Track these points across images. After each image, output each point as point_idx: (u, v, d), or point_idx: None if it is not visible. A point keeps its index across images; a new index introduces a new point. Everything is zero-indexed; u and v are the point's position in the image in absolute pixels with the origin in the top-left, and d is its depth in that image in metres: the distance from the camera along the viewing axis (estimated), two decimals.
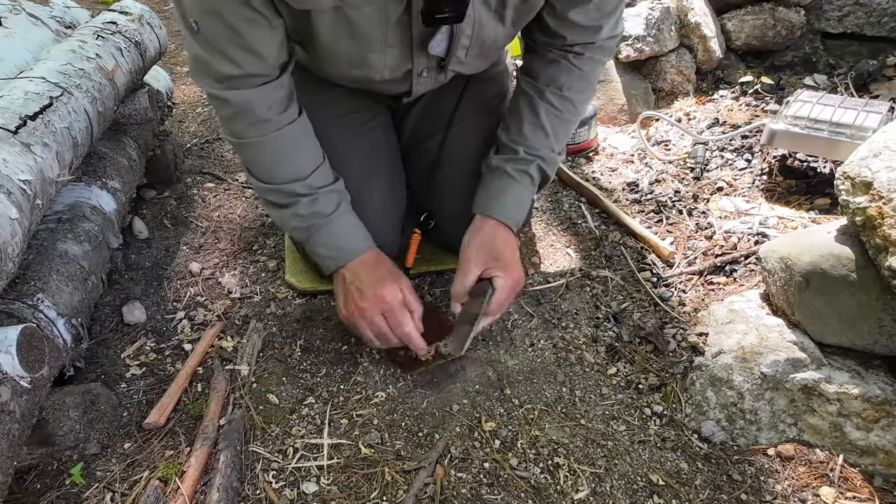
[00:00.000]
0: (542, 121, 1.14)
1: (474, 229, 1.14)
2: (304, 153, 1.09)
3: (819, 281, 1.00)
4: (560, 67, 1.12)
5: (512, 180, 1.15)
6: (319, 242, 1.11)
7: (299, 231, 1.12)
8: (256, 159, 1.07)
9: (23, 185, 0.97)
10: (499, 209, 1.14)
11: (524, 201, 1.17)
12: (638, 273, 1.38)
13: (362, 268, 1.11)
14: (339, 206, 1.11)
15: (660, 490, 0.96)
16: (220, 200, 1.73)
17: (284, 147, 1.06)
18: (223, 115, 1.02)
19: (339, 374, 1.17)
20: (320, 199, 1.09)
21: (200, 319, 1.31)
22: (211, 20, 0.89)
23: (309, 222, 1.10)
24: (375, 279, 1.09)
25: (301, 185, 1.07)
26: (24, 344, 0.88)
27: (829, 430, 0.99)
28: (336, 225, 1.11)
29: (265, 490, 0.97)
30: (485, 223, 1.14)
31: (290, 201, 1.08)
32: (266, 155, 1.06)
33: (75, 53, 1.34)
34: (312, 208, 1.09)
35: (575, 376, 1.15)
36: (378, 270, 1.11)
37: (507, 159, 1.15)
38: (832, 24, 2.06)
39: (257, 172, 1.09)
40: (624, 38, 1.95)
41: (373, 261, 1.12)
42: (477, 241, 1.12)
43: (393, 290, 1.08)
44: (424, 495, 0.96)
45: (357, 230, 1.14)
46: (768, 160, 1.62)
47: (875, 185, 0.93)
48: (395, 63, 1.05)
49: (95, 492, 0.97)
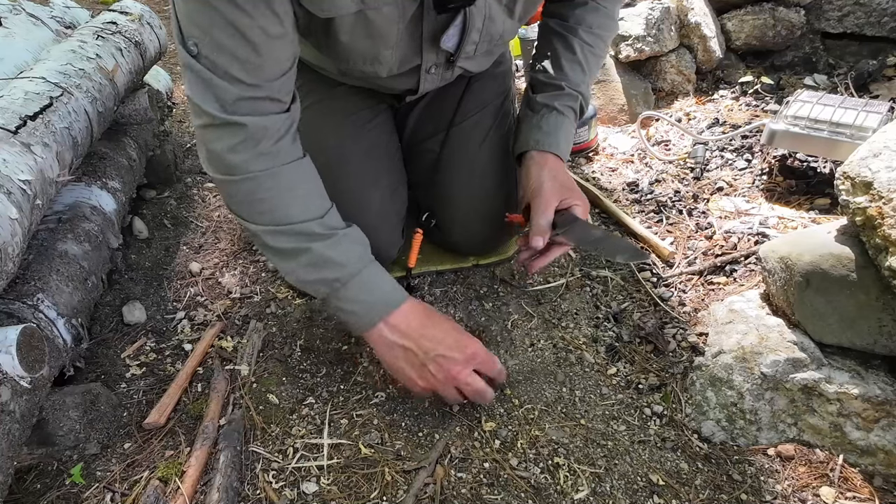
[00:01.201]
0: (579, 57, 1.17)
1: (538, 165, 1.12)
2: (319, 190, 0.98)
3: (819, 281, 1.00)
4: (587, 9, 1.17)
5: (563, 117, 1.16)
6: (348, 297, 0.96)
7: (318, 283, 0.97)
8: (262, 196, 0.92)
9: (23, 185, 0.97)
10: (555, 144, 1.14)
11: (571, 136, 1.19)
12: (638, 273, 1.38)
13: (416, 320, 0.97)
14: (364, 254, 0.98)
15: (660, 490, 0.96)
16: (220, 200, 1.73)
17: (299, 180, 0.94)
18: (226, 144, 0.88)
19: (339, 374, 1.17)
20: (341, 241, 0.96)
21: (200, 319, 1.31)
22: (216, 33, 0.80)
23: (332, 273, 0.95)
24: (446, 331, 0.98)
25: (317, 223, 0.94)
26: (24, 344, 0.88)
27: (829, 430, 0.99)
28: (366, 276, 0.97)
29: (265, 490, 0.97)
30: (546, 158, 1.13)
31: (304, 245, 0.94)
32: (275, 190, 0.92)
33: (75, 53, 1.35)
34: (333, 253, 0.94)
35: (575, 376, 1.15)
36: (438, 319, 0.99)
37: (553, 96, 1.16)
38: (832, 24, 2.06)
39: (260, 211, 0.94)
40: (624, 38, 1.95)
41: (422, 308, 1.00)
42: (547, 175, 1.10)
43: (472, 339, 1.00)
44: (424, 495, 0.96)
45: (388, 278, 1.00)
46: (768, 160, 1.62)
47: (875, 185, 0.93)
48: (406, 59, 1.04)
49: (95, 492, 0.97)
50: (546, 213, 1.07)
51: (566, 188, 1.10)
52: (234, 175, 0.91)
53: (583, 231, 1.07)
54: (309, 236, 0.94)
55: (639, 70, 2.06)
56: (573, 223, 1.08)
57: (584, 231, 1.08)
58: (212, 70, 0.82)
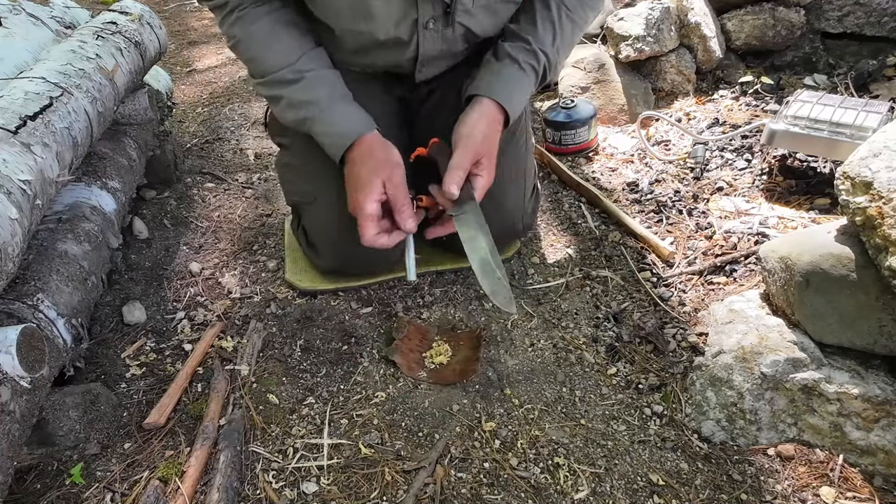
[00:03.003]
0: (553, 16, 1.15)
1: (479, 114, 1.10)
2: (290, 39, 1.09)
3: (819, 281, 1.00)
4: None
5: (522, 72, 1.14)
6: (318, 131, 1.11)
7: (297, 122, 1.13)
8: (250, 55, 1.10)
9: (23, 185, 0.97)
10: (507, 97, 1.12)
11: (526, 94, 1.17)
12: (638, 273, 1.38)
13: (357, 155, 1.09)
14: (332, 93, 1.10)
15: (660, 490, 0.96)
16: (220, 200, 1.73)
17: (268, 34, 1.08)
18: (218, 19, 1.09)
19: (339, 374, 1.17)
20: (312, 83, 1.09)
21: (200, 319, 1.31)
22: None
23: (304, 112, 1.09)
24: (357, 176, 1.08)
25: (289, 70, 1.08)
26: (24, 344, 0.88)
27: (829, 430, 0.99)
28: (332, 111, 1.09)
29: (265, 490, 0.97)
30: (492, 110, 1.11)
31: (280, 92, 1.09)
32: (254, 47, 1.09)
33: (75, 53, 1.35)
34: (306, 94, 1.09)
35: (575, 376, 1.15)
36: (364, 165, 1.08)
37: (518, 48, 1.14)
38: (832, 24, 2.06)
39: (253, 69, 1.12)
40: (624, 38, 1.95)
41: (367, 144, 1.09)
42: (484, 128, 1.09)
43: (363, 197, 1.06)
44: (424, 495, 0.96)
45: (356, 113, 1.11)
46: (768, 160, 1.62)
47: (875, 185, 0.93)
48: (400, 13, 1.04)
49: (95, 492, 0.97)
50: (464, 164, 1.07)
51: (486, 150, 1.09)
52: (229, 42, 1.12)
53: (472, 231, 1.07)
54: (282, 83, 1.09)
55: (639, 70, 2.06)
56: (469, 202, 1.07)
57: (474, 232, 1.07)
58: None
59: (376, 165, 1.08)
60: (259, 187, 1.79)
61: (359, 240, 1.26)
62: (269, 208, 1.69)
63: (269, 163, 1.90)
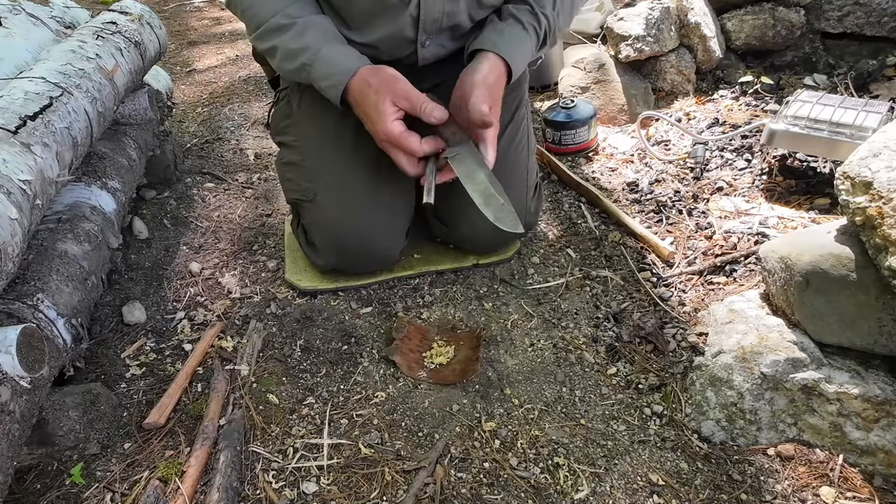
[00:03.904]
0: None
1: (491, 67, 1.11)
2: None
3: (819, 281, 1.00)
4: None
5: (524, 32, 1.15)
6: (318, 77, 1.10)
7: (296, 72, 1.12)
8: (243, 9, 1.11)
9: (23, 185, 0.97)
10: (511, 55, 1.13)
11: (528, 55, 1.18)
12: (638, 273, 1.38)
13: (357, 95, 1.09)
14: (325, 35, 1.10)
15: (660, 490, 0.96)
16: (220, 200, 1.73)
17: None
18: None
19: (339, 374, 1.17)
20: (304, 29, 1.09)
21: (200, 319, 1.31)
22: None
23: (300, 59, 1.09)
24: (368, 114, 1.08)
25: (281, 16, 1.09)
26: (24, 344, 0.88)
27: (829, 430, 0.99)
28: (326, 54, 1.09)
29: (265, 490, 0.97)
30: (496, 62, 1.12)
31: (275, 41, 1.10)
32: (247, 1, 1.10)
33: (75, 53, 1.34)
34: (299, 41, 1.09)
35: (575, 376, 1.15)
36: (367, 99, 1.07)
37: (519, 9, 1.16)
38: (832, 24, 2.06)
39: (250, 24, 1.13)
40: (624, 38, 1.95)
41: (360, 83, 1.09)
42: (493, 77, 1.10)
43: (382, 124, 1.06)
44: (424, 495, 0.96)
45: (349, 52, 1.11)
46: (768, 160, 1.62)
47: (875, 185, 0.93)
48: None
49: (95, 492, 0.97)
50: (487, 100, 1.07)
51: (498, 102, 1.11)
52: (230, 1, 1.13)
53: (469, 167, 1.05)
54: (275, 31, 1.09)
55: (639, 70, 2.06)
56: (463, 144, 1.06)
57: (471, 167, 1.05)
58: None
59: (378, 87, 1.06)
60: (259, 187, 1.79)
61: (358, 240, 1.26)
62: (269, 208, 1.69)
63: (269, 163, 1.90)
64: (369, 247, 1.27)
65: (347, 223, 1.25)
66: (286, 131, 1.33)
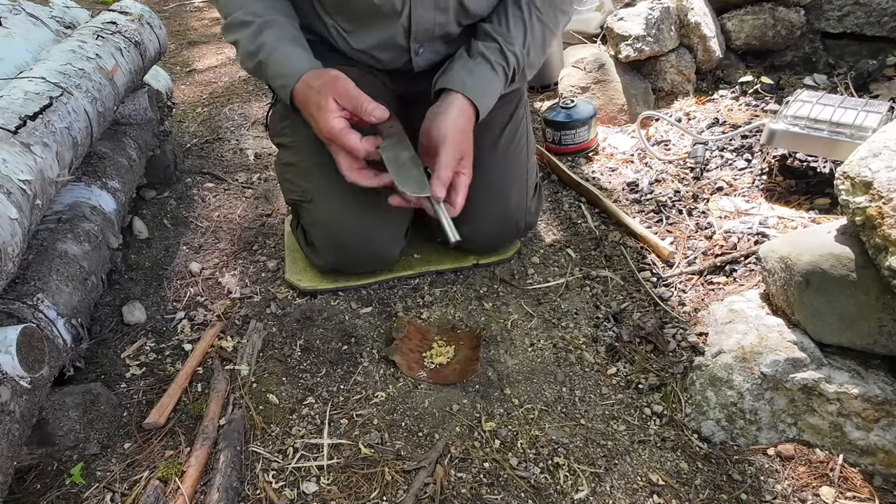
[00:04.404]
0: (525, 16, 1.16)
1: (459, 112, 1.11)
2: None
3: (819, 281, 1.00)
4: None
5: (493, 73, 1.15)
6: (271, 76, 1.12)
7: (255, 72, 1.15)
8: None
9: (23, 185, 0.97)
10: (481, 96, 1.13)
11: (495, 95, 1.18)
12: (638, 273, 1.38)
13: (302, 97, 1.10)
14: (281, 36, 1.11)
15: (660, 490, 0.96)
16: (220, 200, 1.73)
17: None
18: None
19: (339, 374, 1.17)
20: (262, 29, 1.10)
21: (200, 319, 1.31)
22: None
23: (258, 58, 1.10)
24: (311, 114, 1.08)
25: (242, 12, 1.10)
26: (24, 344, 0.88)
27: (829, 430, 0.99)
28: (278, 55, 1.10)
29: (265, 490, 0.97)
30: (466, 106, 1.12)
31: (237, 37, 1.11)
32: None
33: (75, 53, 1.34)
34: (256, 41, 1.10)
35: (575, 376, 1.15)
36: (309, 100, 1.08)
37: (490, 48, 1.16)
38: (832, 24, 2.06)
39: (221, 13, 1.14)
40: (624, 38, 1.95)
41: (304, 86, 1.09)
42: (464, 126, 1.11)
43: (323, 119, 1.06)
44: (424, 495, 0.96)
45: (300, 55, 1.12)
46: (768, 160, 1.62)
47: (875, 184, 0.93)
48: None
49: (95, 492, 0.97)
50: (451, 164, 1.08)
51: (467, 150, 1.12)
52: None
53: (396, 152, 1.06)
54: (238, 26, 1.11)
55: (639, 70, 2.06)
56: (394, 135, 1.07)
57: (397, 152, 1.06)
58: None
59: (321, 88, 1.07)
60: (259, 187, 1.79)
61: (357, 240, 1.26)
62: (269, 208, 1.69)
63: (269, 163, 1.90)
64: (368, 247, 1.27)
65: (346, 223, 1.25)
66: (284, 132, 1.33)
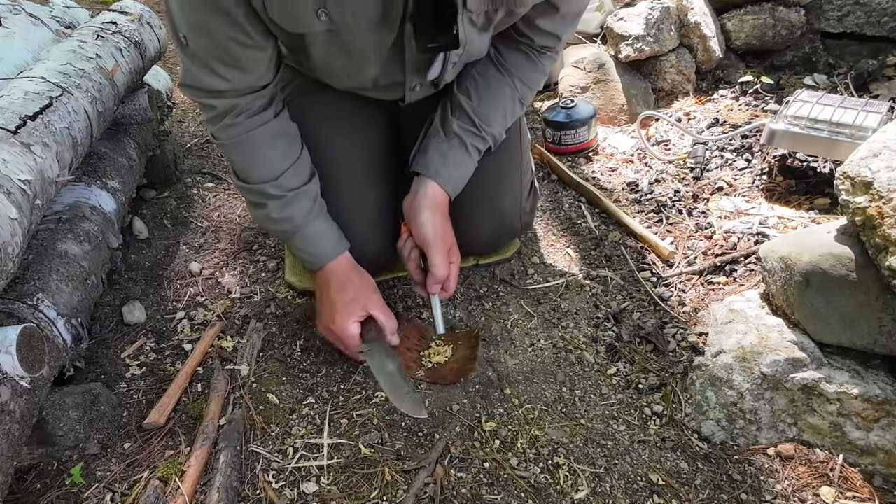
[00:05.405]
0: (507, 102, 1.18)
1: (434, 204, 1.13)
2: (276, 154, 1.09)
3: (819, 281, 1.00)
4: (529, 61, 1.18)
5: (468, 157, 1.17)
6: (295, 246, 1.14)
7: (276, 233, 1.17)
8: (233, 159, 1.10)
9: (23, 185, 0.97)
10: (452, 184, 1.16)
11: (467, 177, 1.20)
12: (638, 273, 1.37)
13: (333, 281, 1.12)
14: (310, 211, 1.11)
15: (660, 490, 0.96)
16: (220, 200, 1.73)
17: (255, 148, 1.07)
18: (204, 118, 1.07)
19: (339, 374, 1.17)
20: (291, 202, 1.09)
21: (200, 319, 1.31)
22: (200, 37, 0.92)
23: (282, 227, 1.11)
24: (335, 302, 1.10)
25: (272, 185, 1.08)
26: (24, 344, 0.88)
27: (829, 430, 0.99)
28: (306, 232, 1.12)
29: (265, 490, 0.97)
30: (439, 194, 1.14)
31: (263, 202, 1.10)
32: (239, 156, 1.08)
33: (75, 53, 1.34)
34: (284, 212, 1.10)
35: (575, 376, 1.15)
36: (343, 293, 1.11)
37: (468, 131, 1.16)
38: (832, 24, 2.06)
39: (236, 171, 1.12)
40: (624, 38, 1.95)
41: (340, 273, 1.13)
42: (441, 220, 1.13)
43: (343, 320, 1.08)
44: (424, 495, 0.96)
45: (327, 235, 1.14)
46: (768, 160, 1.62)
47: (875, 184, 0.93)
48: (388, 77, 1.08)
49: (95, 492, 0.97)
50: (444, 265, 1.12)
51: (453, 241, 1.16)
52: (214, 140, 1.10)
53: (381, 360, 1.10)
54: (266, 195, 1.09)
55: (639, 70, 2.06)
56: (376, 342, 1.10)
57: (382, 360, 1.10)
58: (197, 61, 0.96)
59: (356, 294, 1.11)
60: None
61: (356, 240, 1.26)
62: None
63: None
64: (361, 251, 1.27)
65: (345, 224, 1.24)
66: None
